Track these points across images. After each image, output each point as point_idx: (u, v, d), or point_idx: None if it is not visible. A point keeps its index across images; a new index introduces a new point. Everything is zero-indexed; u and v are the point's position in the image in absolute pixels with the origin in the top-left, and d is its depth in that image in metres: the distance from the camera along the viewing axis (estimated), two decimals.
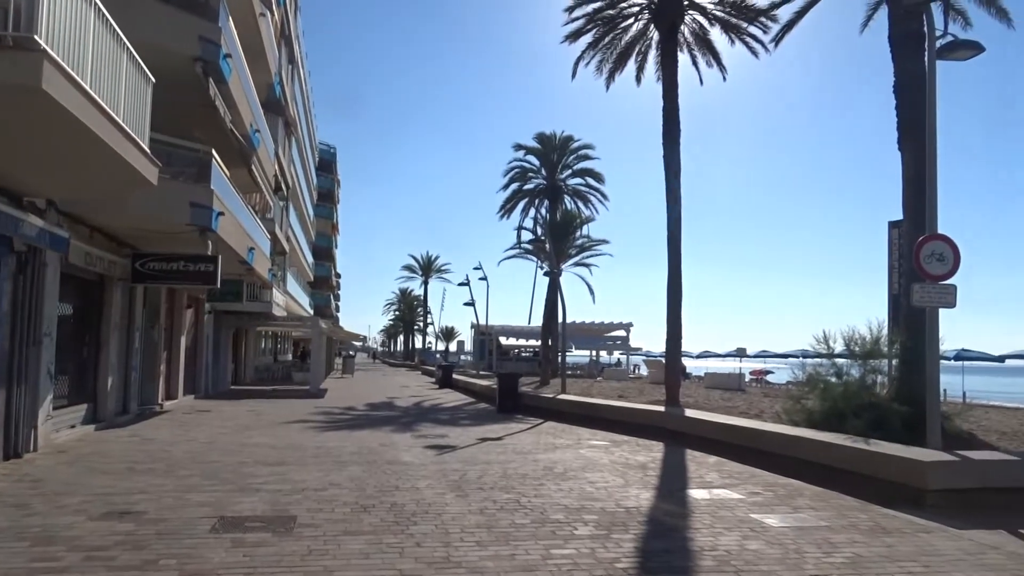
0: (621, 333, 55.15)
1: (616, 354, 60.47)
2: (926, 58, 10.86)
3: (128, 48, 9.71)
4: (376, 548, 6.49)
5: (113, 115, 8.97)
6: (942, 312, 10.58)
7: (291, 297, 40.15)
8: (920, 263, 10.24)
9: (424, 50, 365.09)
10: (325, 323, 41.75)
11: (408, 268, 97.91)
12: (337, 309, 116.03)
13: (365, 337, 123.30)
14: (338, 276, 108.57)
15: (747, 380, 40.92)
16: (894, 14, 14.31)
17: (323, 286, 77.23)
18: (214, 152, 15.28)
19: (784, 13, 18.34)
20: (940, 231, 10.60)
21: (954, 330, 53.97)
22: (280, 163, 31.32)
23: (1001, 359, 37.17)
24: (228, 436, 14.52)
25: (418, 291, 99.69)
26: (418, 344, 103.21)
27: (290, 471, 10.47)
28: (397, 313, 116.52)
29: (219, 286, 18.05)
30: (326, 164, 74.13)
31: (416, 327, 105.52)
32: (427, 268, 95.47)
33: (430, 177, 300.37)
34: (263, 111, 24.06)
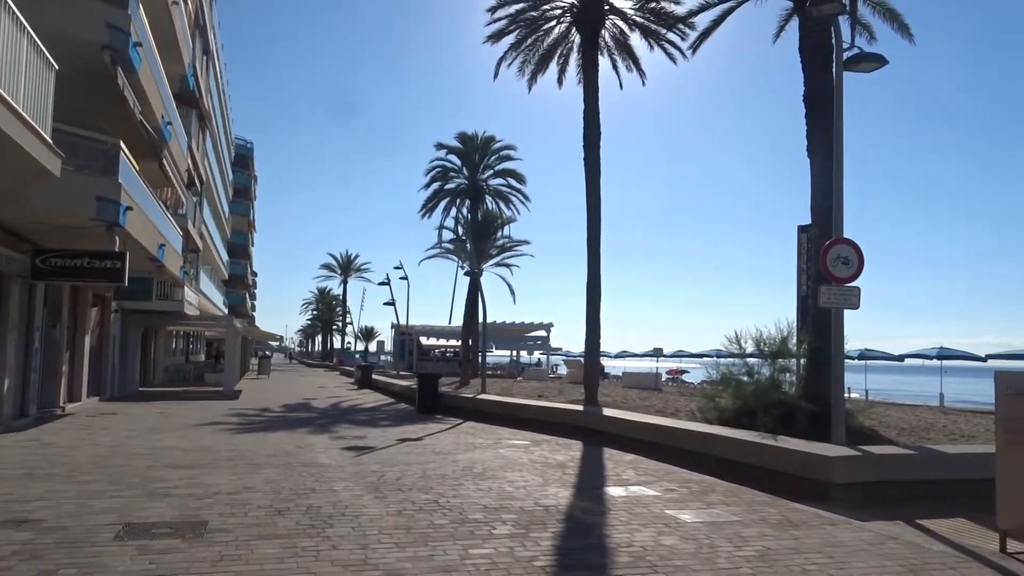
0: (541, 333, 55.54)
1: (536, 354, 60.86)
2: (834, 69, 11.31)
3: (29, 32, 9.25)
4: (291, 552, 6.34)
5: (11, 102, 8.52)
6: (847, 313, 11.03)
7: (204, 296, 38.98)
8: (826, 266, 10.65)
9: (347, 47, 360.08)
10: (240, 322, 40.66)
11: (327, 267, 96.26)
12: (253, 308, 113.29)
13: (281, 337, 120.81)
14: (255, 274, 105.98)
15: (663, 379, 41.78)
16: (804, 26, 14.83)
17: (238, 284, 75.35)
18: (122, 144, 14.70)
19: (702, 21, 18.78)
20: (847, 236, 11.04)
21: (858, 330, 56.40)
22: (193, 157, 30.37)
23: (901, 358, 38.90)
24: (135, 439, 13.99)
25: (337, 290, 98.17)
26: (337, 344, 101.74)
27: (201, 475, 10.16)
28: (315, 313, 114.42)
29: (127, 284, 17.36)
30: (243, 159, 72.40)
31: (335, 327, 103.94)
32: (346, 267, 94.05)
33: (352, 175, 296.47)
34: (176, 103, 23.29)
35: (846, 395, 25.76)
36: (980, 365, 34.49)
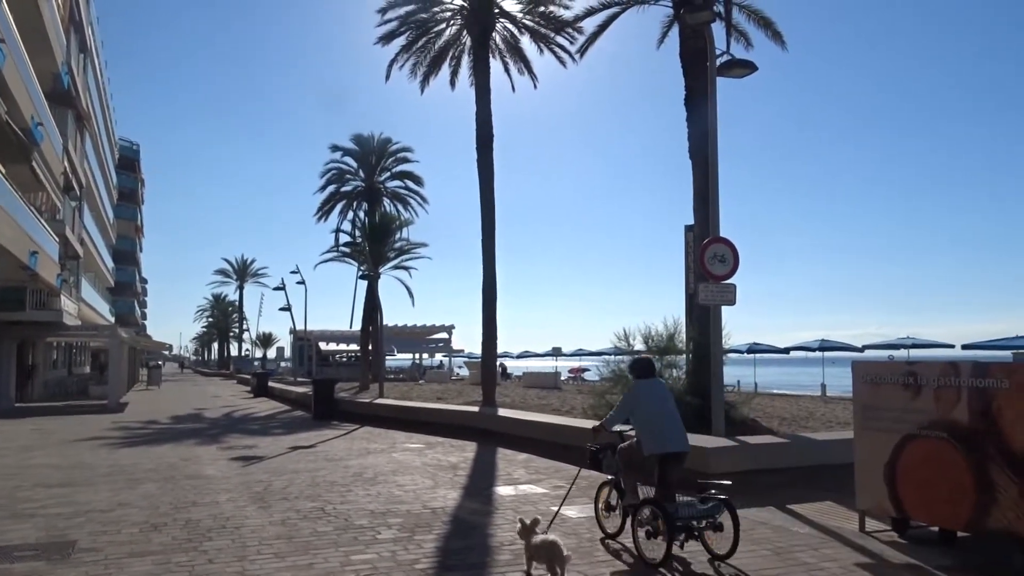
0: (443, 335, 55.52)
1: (439, 356, 60.75)
2: (708, 74, 11.74)
3: None
4: (164, 568, 6.14)
5: None
6: (737, 309, 11.44)
7: (87, 304, 37.19)
8: (704, 264, 11.03)
9: (236, 45, 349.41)
10: (127, 332, 38.96)
11: (222, 272, 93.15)
12: (144, 317, 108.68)
13: (171, 346, 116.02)
14: (144, 281, 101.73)
15: (564, 378, 42.38)
16: (683, 32, 15.30)
17: (126, 292, 72.21)
18: None
19: (589, 25, 19.13)
20: (733, 235, 11.42)
21: (748, 325, 58.83)
22: (71, 159, 28.88)
23: (786, 351, 40.65)
24: (4, 459, 13.22)
25: (233, 296, 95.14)
26: (234, 352, 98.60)
27: (75, 493, 9.71)
28: (211, 320, 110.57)
29: None
30: (129, 162, 69.30)
31: (231, 334, 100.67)
32: (242, 272, 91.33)
33: (246, 178, 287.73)
34: (49, 102, 22.09)
35: (734, 388, 26.73)
36: (859, 356, 36.45)
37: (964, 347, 31.22)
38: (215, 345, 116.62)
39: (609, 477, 7.19)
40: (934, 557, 6.37)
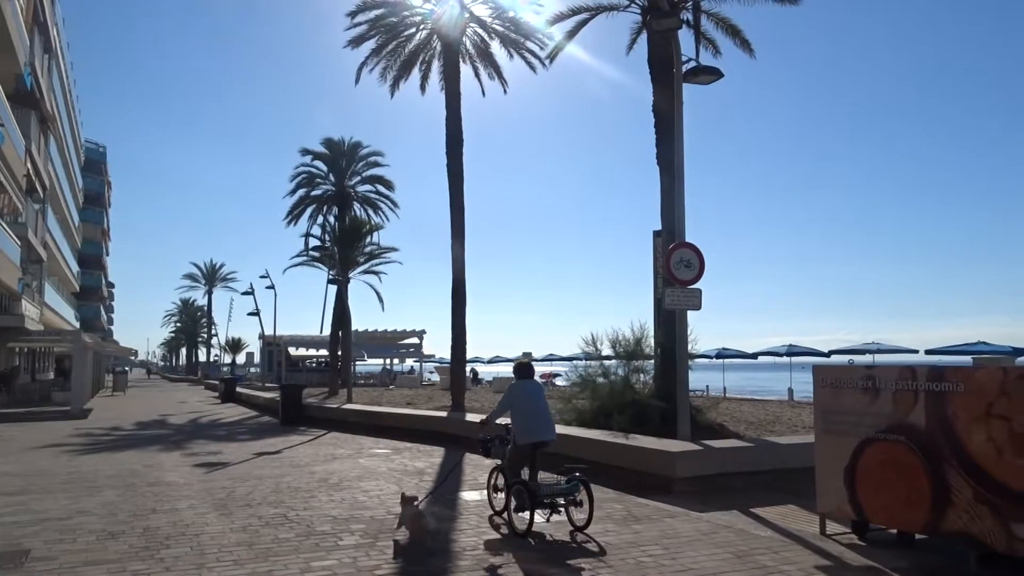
0: (414, 340, 55.20)
1: (410, 362, 60.48)
2: (674, 81, 11.83)
3: None
4: None
5: None
6: (706, 314, 11.61)
7: (50, 309, 36.55)
8: (671, 269, 11.10)
9: (208, 48, 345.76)
10: (91, 337, 38.29)
11: (190, 277, 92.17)
12: (110, 322, 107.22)
13: (136, 352, 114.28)
14: (111, 286, 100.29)
15: None
16: (651, 39, 15.41)
17: (92, 297, 71.20)
18: None
19: (559, 32, 19.20)
20: (700, 241, 11.50)
21: (718, 330, 59.19)
22: (34, 161, 28.37)
23: (755, 356, 40.99)
24: None
25: (202, 301, 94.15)
26: (203, 357, 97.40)
27: (32, 500, 9.51)
28: (179, 325, 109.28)
29: None
30: (95, 164, 68.34)
31: (200, 339, 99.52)
32: (211, 276, 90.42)
33: (215, 182, 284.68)
34: (10, 104, 21.71)
35: (702, 393, 26.87)
36: (825, 360, 36.83)
37: (928, 352, 31.72)
38: (183, 351, 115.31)
39: (497, 462, 8.25)
40: (892, 559, 6.45)
